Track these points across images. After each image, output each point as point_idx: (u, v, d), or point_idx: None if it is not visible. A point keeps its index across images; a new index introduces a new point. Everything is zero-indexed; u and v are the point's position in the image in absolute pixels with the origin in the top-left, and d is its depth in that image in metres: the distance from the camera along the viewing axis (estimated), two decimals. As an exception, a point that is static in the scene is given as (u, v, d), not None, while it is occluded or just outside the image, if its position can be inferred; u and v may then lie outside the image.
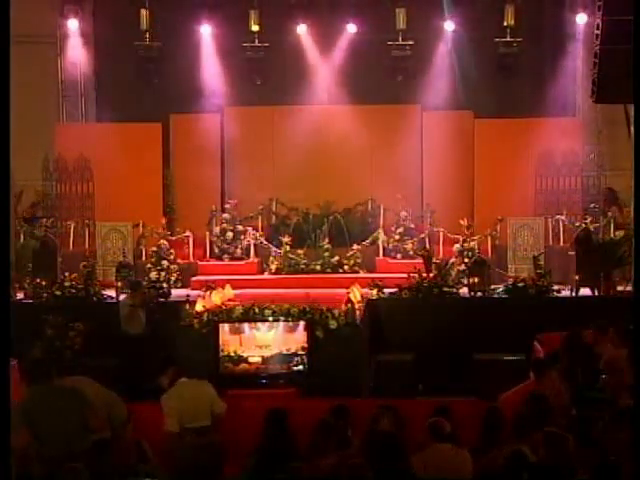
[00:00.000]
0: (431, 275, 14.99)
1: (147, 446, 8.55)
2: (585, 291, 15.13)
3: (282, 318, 12.92)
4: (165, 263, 17.10)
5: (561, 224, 17.58)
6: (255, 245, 18.15)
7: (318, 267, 17.64)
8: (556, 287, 15.21)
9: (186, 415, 9.09)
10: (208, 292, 14.12)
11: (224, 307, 13.36)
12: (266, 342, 12.72)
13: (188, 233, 17.95)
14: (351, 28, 18.81)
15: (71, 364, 12.96)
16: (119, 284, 15.28)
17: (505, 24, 18.53)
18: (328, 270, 17.58)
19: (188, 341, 13.09)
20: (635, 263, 11.77)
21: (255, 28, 18.74)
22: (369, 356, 13.86)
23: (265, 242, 18.16)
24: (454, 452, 7.28)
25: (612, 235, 16.52)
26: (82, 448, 7.41)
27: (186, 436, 9.00)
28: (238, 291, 14.88)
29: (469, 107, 18.78)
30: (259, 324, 12.88)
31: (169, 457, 8.82)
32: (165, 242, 17.40)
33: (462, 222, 17.36)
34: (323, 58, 18.96)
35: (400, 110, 18.89)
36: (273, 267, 17.68)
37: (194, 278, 16.89)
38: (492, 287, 15.29)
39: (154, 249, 17.27)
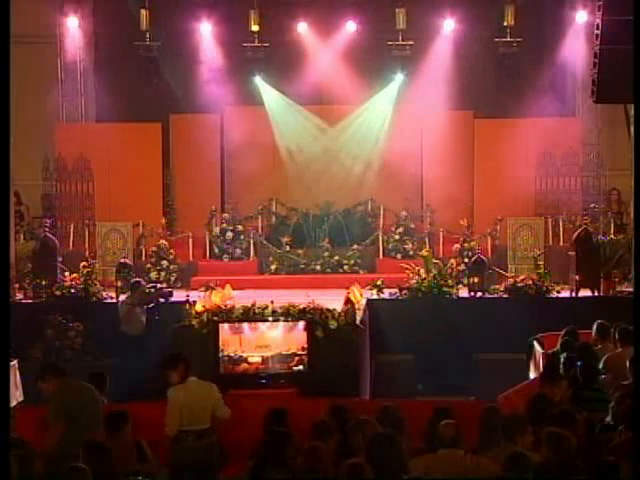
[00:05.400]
0: (431, 275, 15.00)
1: (147, 446, 8.56)
2: (585, 291, 15.14)
3: (282, 318, 12.90)
4: (165, 263, 17.11)
5: (561, 224, 17.59)
6: (255, 245, 18.15)
7: (318, 267, 17.65)
8: (556, 287, 15.24)
9: (187, 415, 9.11)
10: (208, 292, 14.12)
11: (224, 307, 13.35)
12: (266, 342, 12.72)
13: (188, 233, 17.95)
14: (351, 27, 18.81)
15: (71, 364, 13.07)
16: (119, 284, 15.29)
17: (505, 24, 18.52)
18: (328, 270, 17.59)
19: (188, 341, 13.08)
20: (635, 263, 11.81)
21: (255, 28, 18.73)
22: (369, 356, 13.87)
23: (265, 242, 18.16)
24: (464, 459, 7.21)
25: (612, 235, 16.54)
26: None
27: (184, 439, 9.03)
28: (238, 291, 14.87)
29: (469, 107, 18.79)
30: (259, 324, 12.87)
31: (168, 456, 8.84)
32: (165, 242, 17.40)
33: (462, 222, 17.37)
34: (323, 57, 18.94)
35: (400, 110, 18.87)
36: (273, 267, 17.68)
37: (194, 278, 16.88)
38: (492, 287, 15.30)
39: (154, 249, 17.28)
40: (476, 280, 15.07)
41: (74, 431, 8.22)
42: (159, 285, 15.32)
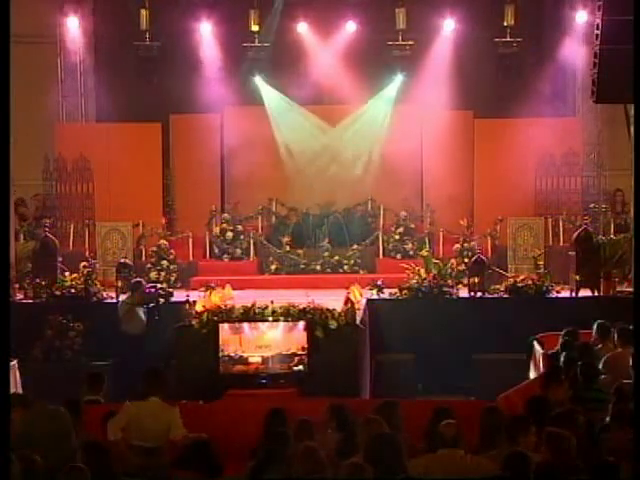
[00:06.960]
0: (431, 275, 15.00)
1: (147, 446, 8.52)
2: (585, 291, 15.14)
3: (282, 318, 12.90)
4: (165, 263, 17.10)
5: (561, 224, 17.59)
6: (255, 245, 18.15)
7: (318, 267, 17.64)
8: (556, 287, 15.24)
9: (135, 430, 8.74)
10: (208, 292, 14.12)
11: (224, 307, 13.35)
12: (266, 342, 12.72)
13: (188, 233, 17.95)
14: (351, 27, 18.81)
15: (71, 364, 13.09)
16: (119, 284, 15.29)
17: (505, 24, 18.52)
18: (328, 270, 17.58)
19: (188, 341, 13.09)
20: (635, 263, 11.80)
21: (255, 28, 18.73)
22: (369, 356, 13.87)
23: (265, 242, 18.15)
24: (464, 459, 7.21)
25: (612, 235, 16.54)
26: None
27: (134, 452, 8.70)
28: (238, 291, 14.87)
29: (469, 107, 18.78)
30: (259, 324, 12.87)
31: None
32: (165, 242, 17.40)
33: (462, 222, 17.37)
34: (323, 57, 18.94)
35: (400, 110, 18.87)
36: (273, 267, 17.68)
37: (194, 278, 16.88)
38: (492, 287, 15.30)
39: (154, 249, 17.27)
40: (476, 280, 15.06)
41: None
42: (159, 286, 15.33)
